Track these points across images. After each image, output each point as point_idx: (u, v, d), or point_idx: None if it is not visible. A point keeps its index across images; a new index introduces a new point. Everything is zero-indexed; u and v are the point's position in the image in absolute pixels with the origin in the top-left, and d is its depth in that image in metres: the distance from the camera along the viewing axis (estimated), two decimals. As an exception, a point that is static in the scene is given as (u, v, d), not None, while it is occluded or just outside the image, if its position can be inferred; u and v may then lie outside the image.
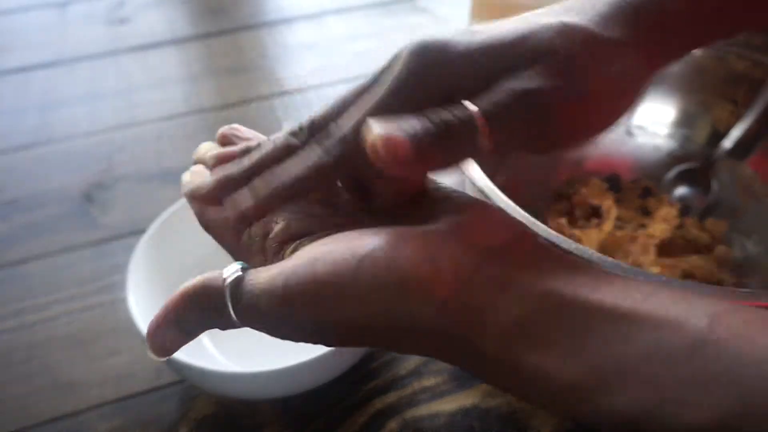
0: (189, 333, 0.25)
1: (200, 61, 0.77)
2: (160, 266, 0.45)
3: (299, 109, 0.68)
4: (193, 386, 0.44)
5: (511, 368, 0.21)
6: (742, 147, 0.48)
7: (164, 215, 0.46)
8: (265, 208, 0.26)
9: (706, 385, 0.18)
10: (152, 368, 0.45)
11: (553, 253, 0.23)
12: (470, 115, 0.23)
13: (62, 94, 0.71)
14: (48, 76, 0.74)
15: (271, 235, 0.26)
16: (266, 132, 0.31)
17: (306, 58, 0.75)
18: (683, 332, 0.19)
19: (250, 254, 0.27)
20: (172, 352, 0.25)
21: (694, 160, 0.50)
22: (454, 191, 0.26)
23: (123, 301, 0.41)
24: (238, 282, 0.24)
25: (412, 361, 0.45)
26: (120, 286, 0.42)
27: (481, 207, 0.25)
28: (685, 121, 0.51)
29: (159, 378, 0.45)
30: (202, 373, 0.38)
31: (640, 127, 0.52)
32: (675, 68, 0.50)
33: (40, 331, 0.48)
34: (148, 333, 0.25)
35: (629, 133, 0.52)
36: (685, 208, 0.50)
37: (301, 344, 0.45)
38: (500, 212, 0.25)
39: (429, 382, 0.44)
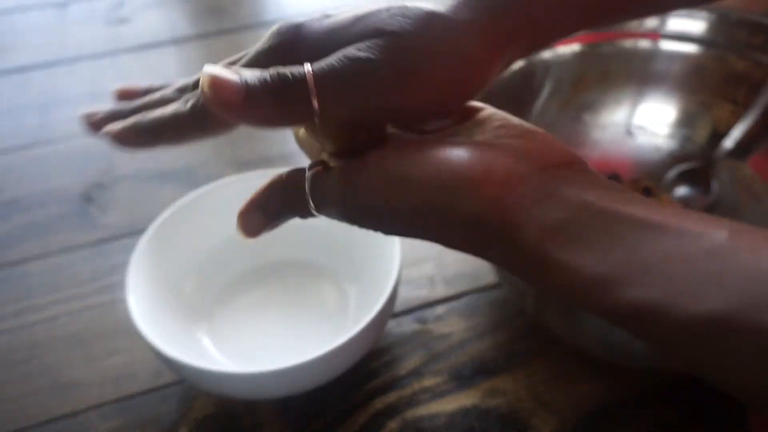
0: (273, 218, 0.29)
1: (200, 61, 0.76)
2: (160, 266, 0.45)
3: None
4: (193, 386, 0.44)
5: (545, 263, 0.23)
6: (742, 147, 0.48)
7: (164, 215, 0.46)
8: (126, 138, 0.30)
9: (719, 281, 0.20)
10: (152, 368, 0.45)
11: (596, 175, 0.25)
12: (302, 72, 0.25)
13: (62, 94, 0.71)
14: (48, 76, 0.74)
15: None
16: (266, 133, 0.31)
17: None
18: (705, 240, 0.21)
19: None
20: (258, 234, 0.29)
21: (694, 160, 0.50)
22: (511, 118, 0.28)
23: (123, 301, 0.41)
24: (317, 174, 0.27)
25: (412, 361, 0.45)
26: (120, 286, 0.42)
27: (537, 133, 0.26)
28: (685, 121, 0.51)
29: (159, 378, 0.45)
30: (202, 373, 0.38)
31: (640, 127, 0.52)
32: (675, 68, 0.50)
33: (40, 331, 0.48)
34: (240, 213, 0.29)
35: (629, 133, 0.52)
36: (685, 208, 0.50)
37: (301, 344, 0.46)
38: (554, 139, 0.26)
39: (429, 382, 0.44)
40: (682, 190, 0.50)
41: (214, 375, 0.39)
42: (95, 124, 0.31)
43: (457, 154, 0.25)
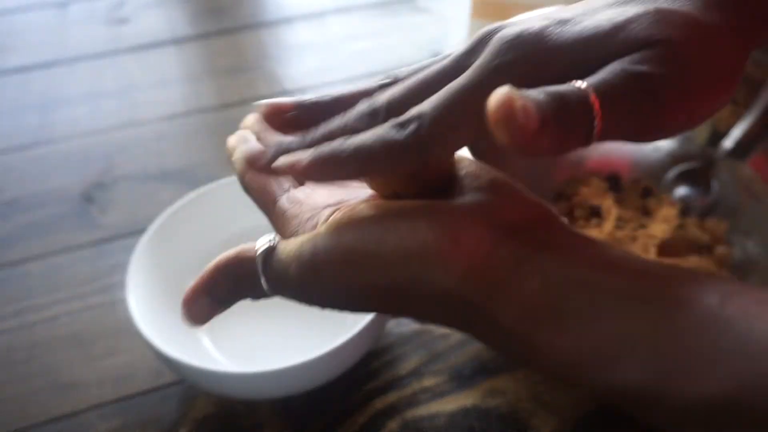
0: (222, 302, 0.27)
1: (200, 61, 0.77)
2: (160, 266, 0.45)
3: (299, 109, 0.67)
4: (193, 386, 0.44)
5: (525, 341, 0.22)
6: (742, 147, 0.48)
7: (164, 215, 0.46)
8: (321, 170, 0.24)
9: (714, 358, 0.19)
10: (152, 368, 0.45)
11: (570, 233, 0.23)
12: (585, 93, 0.21)
13: (62, 94, 0.71)
14: (48, 76, 0.74)
15: (308, 203, 0.27)
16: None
17: (306, 58, 0.75)
18: (694, 308, 0.19)
19: (284, 220, 0.27)
20: (206, 321, 0.27)
21: (694, 160, 0.50)
22: (478, 167, 0.26)
23: (123, 301, 0.41)
24: (269, 252, 0.25)
25: (412, 361, 0.45)
26: (120, 286, 0.42)
27: (505, 186, 0.25)
28: (685, 121, 0.51)
29: (159, 378, 0.45)
30: (202, 373, 0.38)
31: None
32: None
33: (40, 331, 0.48)
34: (184, 302, 0.27)
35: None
36: (685, 208, 0.50)
37: (301, 344, 0.45)
38: (524, 192, 0.25)
39: (429, 382, 0.44)
40: (682, 190, 0.50)
41: (214, 375, 0.39)
42: (265, 166, 0.27)
43: (423, 224, 0.23)
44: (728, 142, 0.48)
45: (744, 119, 0.47)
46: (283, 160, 0.25)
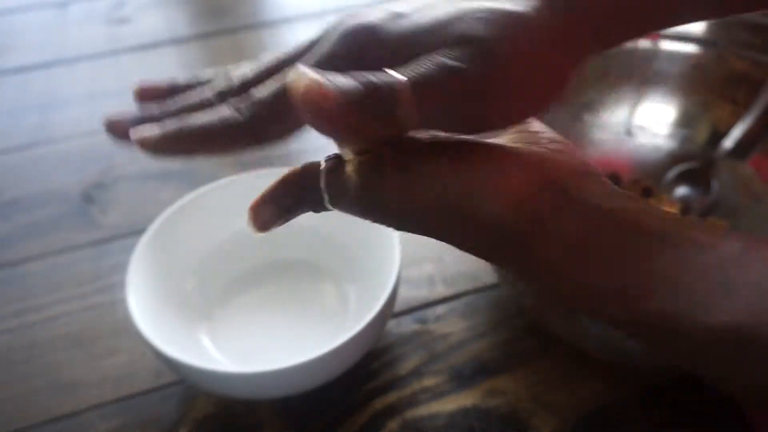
0: (286, 211, 0.28)
1: (200, 61, 0.77)
2: (160, 266, 0.45)
3: (299, 109, 0.67)
4: (193, 386, 0.44)
5: (560, 275, 0.23)
6: (742, 147, 0.48)
7: (164, 215, 0.46)
8: (164, 146, 0.27)
9: (732, 293, 0.20)
10: (152, 368, 0.45)
11: (612, 186, 0.25)
12: (392, 81, 0.23)
13: (62, 94, 0.71)
14: (48, 76, 0.74)
15: None
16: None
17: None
18: (719, 252, 0.21)
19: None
20: (269, 228, 0.29)
21: (694, 160, 0.50)
22: (539, 125, 0.27)
23: (123, 301, 0.41)
24: (333, 167, 0.26)
25: (412, 361, 0.45)
26: (120, 286, 0.42)
27: (555, 139, 0.26)
28: (685, 121, 0.51)
29: (159, 378, 0.45)
30: (202, 373, 0.38)
31: (640, 127, 0.52)
32: (675, 68, 0.50)
33: (40, 331, 0.48)
34: (251, 207, 0.28)
35: (629, 133, 0.52)
36: (685, 208, 0.50)
37: (301, 344, 0.45)
38: (576, 151, 0.26)
39: (429, 382, 0.44)
40: (682, 190, 0.50)
41: (214, 375, 0.39)
42: (122, 130, 0.29)
43: (477, 157, 0.24)
44: (728, 142, 0.48)
45: (744, 119, 0.47)
46: (135, 133, 0.28)
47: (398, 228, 0.27)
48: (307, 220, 0.50)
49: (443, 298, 0.49)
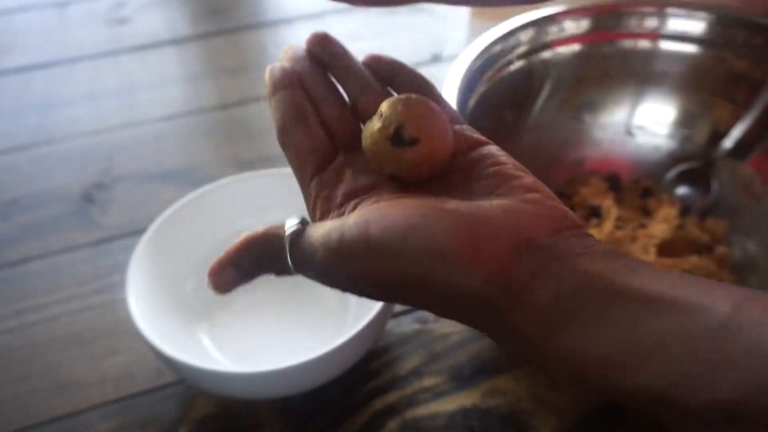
0: (246, 275, 0.28)
1: (200, 61, 0.77)
2: (160, 266, 0.45)
3: (299, 109, 0.67)
4: (193, 386, 0.44)
5: (541, 345, 0.22)
6: (742, 147, 0.48)
7: (164, 215, 0.46)
8: None
9: (725, 366, 0.19)
10: (152, 368, 0.45)
11: (592, 241, 0.24)
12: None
13: (62, 94, 0.71)
14: (48, 76, 0.74)
15: (341, 186, 0.28)
16: (266, 133, 0.31)
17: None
18: (706, 316, 0.20)
19: (316, 201, 0.29)
20: (229, 290, 0.29)
21: (694, 160, 0.50)
22: (513, 167, 0.27)
23: (123, 301, 0.41)
24: (297, 233, 0.26)
25: (412, 361, 0.45)
26: (120, 286, 0.42)
27: (535, 192, 0.25)
28: (685, 121, 0.51)
29: (159, 378, 0.45)
30: (202, 373, 0.38)
31: (640, 127, 0.52)
32: (675, 68, 0.50)
33: (40, 331, 0.48)
34: (211, 271, 0.28)
35: (629, 133, 0.52)
36: (685, 208, 0.50)
37: (301, 344, 0.45)
38: (552, 199, 0.25)
39: (429, 382, 0.44)
40: (682, 190, 0.50)
41: (214, 375, 0.39)
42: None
43: (447, 223, 0.24)
44: (728, 142, 0.48)
45: (744, 119, 0.47)
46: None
47: (369, 297, 0.27)
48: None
49: (443, 298, 0.49)
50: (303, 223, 0.27)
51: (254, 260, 0.28)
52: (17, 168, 0.63)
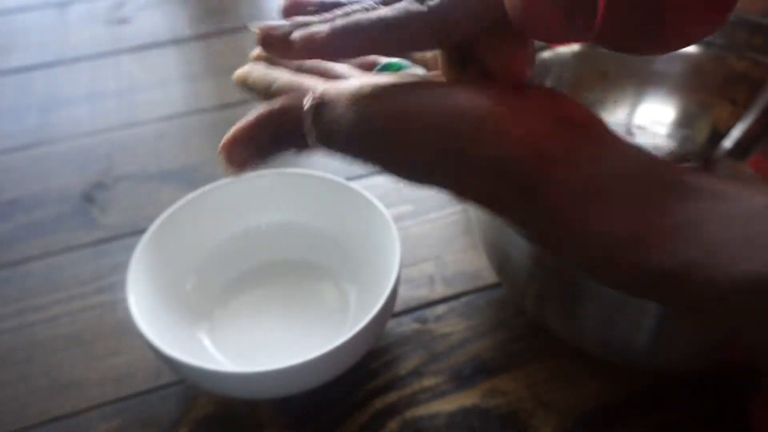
0: (262, 151, 0.26)
1: (200, 61, 0.77)
2: (160, 266, 0.45)
3: (299, 109, 0.67)
4: (193, 386, 0.44)
5: (572, 222, 0.22)
6: (742, 147, 0.48)
7: (164, 215, 0.46)
8: (341, 41, 0.24)
9: (757, 246, 0.19)
10: (152, 368, 0.45)
11: (623, 139, 0.24)
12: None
13: (62, 94, 0.71)
14: (48, 76, 0.74)
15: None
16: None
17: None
18: (743, 202, 0.20)
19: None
20: (244, 169, 0.26)
21: (694, 160, 0.50)
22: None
23: (123, 301, 0.41)
24: (321, 100, 0.25)
25: (412, 361, 0.45)
26: (120, 286, 0.42)
27: (562, 92, 0.25)
28: (685, 121, 0.51)
29: (159, 378, 0.45)
30: (202, 373, 0.38)
31: (640, 127, 0.52)
32: (675, 68, 0.50)
33: (40, 331, 0.48)
34: (224, 146, 0.26)
35: (629, 133, 0.52)
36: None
37: (301, 344, 0.45)
38: (580, 101, 0.25)
39: (429, 382, 0.44)
40: (682, 190, 0.50)
41: (214, 375, 0.39)
42: (278, 40, 0.26)
43: (485, 96, 0.23)
44: (728, 142, 0.48)
45: (744, 119, 0.47)
46: (299, 34, 0.25)
47: (391, 171, 0.25)
48: (307, 220, 0.51)
49: (443, 298, 0.49)
50: (322, 96, 0.25)
51: (272, 135, 0.26)
52: (17, 168, 0.63)
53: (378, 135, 0.24)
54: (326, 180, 0.49)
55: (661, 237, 0.21)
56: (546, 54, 0.50)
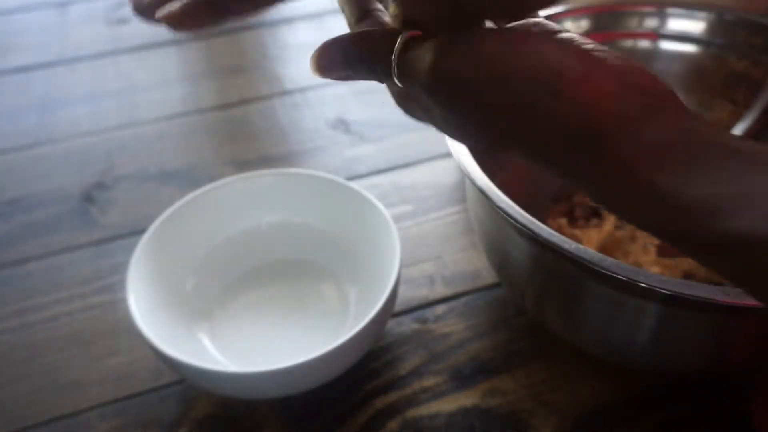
0: (350, 68, 0.27)
1: (200, 61, 0.77)
2: (160, 266, 0.45)
3: (300, 109, 0.68)
4: (193, 386, 0.44)
5: (641, 182, 0.22)
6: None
7: (164, 215, 0.46)
8: (194, 15, 0.27)
9: None
10: (152, 368, 0.45)
11: (695, 111, 0.24)
12: None
13: (62, 94, 0.71)
14: (48, 76, 0.74)
15: None
16: (266, 133, 0.31)
17: (306, 58, 0.75)
18: None
19: None
20: (328, 74, 0.28)
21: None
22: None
23: (123, 301, 0.41)
24: (413, 39, 0.25)
25: (412, 361, 0.45)
26: (120, 286, 0.42)
27: (636, 61, 0.25)
28: (685, 121, 0.51)
29: (159, 378, 0.45)
30: (202, 373, 0.38)
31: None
32: (675, 68, 0.50)
33: (41, 331, 0.48)
34: (319, 47, 0.27)
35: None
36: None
37: (301, 344, 0.45)
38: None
39: (429, 382, 0.44)
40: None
41: (214, 375, 0.39)
42: (146, 9, 0.29)
43: (561, 52, 0.23)
44: (728, 142, 0.48)
45: (744, 119, 0.47)
46: (160, 13, 0.27)
47: (459, 124, 0.25)
48: (307, 220, 0.51)
49: (443, 298, 0.49)
50: (419, 33, 0.26)
51: (362, 53, 0.27)
52: (17, 168, 0.63)
53: (448, 87, 0.24)
54: (326, 180, 0.49)
55: (736, 205, 0.20)
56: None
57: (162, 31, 0.85)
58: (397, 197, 0.57)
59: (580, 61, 0.23)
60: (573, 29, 0.49)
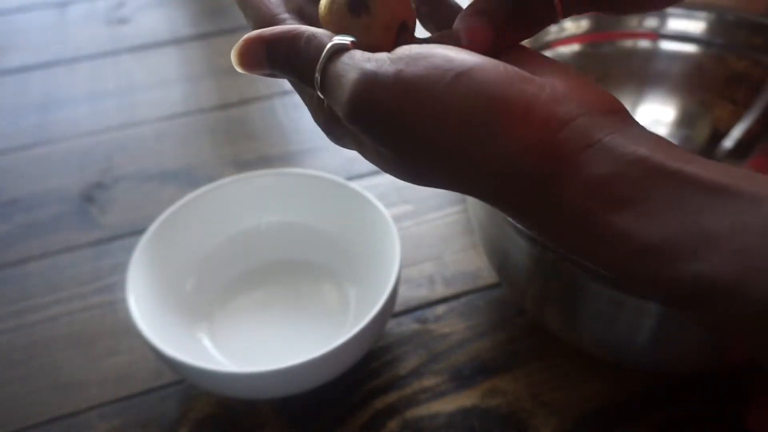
0: (273, 63, 0.24)
1: (200, 61, 0.76)
2: (160, 266, 0.45)
3: (300, 109, 0.68)
4: (193, 386, 0.44)
5: (590, 225, 0.20)
6: (742, 147, 0.48)
7: (164, 215, 0.46)
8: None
9: None
10: (152, 368, 0.45)
11: (641, 127, 0.22)
12: None
13: (62, 94, 0.71)
14: (48, 76, 0.74)
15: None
16: (267, 133, 0.31)
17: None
18: None
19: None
20: (251, 69, 0.25)
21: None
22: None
23: (123, 301, 0.41)
24: (342, 48, 0.23)
25: (412, 361, 0.45)
26: (120, 286, 0.42)
27: (580, 75, 0.23)
28: (685, 121, 0.51)
29: (159, 378, 0.45)
30: (202, 373, 0.38)
31: (640, 127, 0.52)
32: (675, 68, 0.50)
33: (40, 331, 0.48)
34: (242, 42, 0.24)
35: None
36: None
37: (301, 344, 0.45)
38: (599, 86, 0.23)
39: (429, 382, 0.44)
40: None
41: (214, 375, 0.39)
42: None
43: (495, 81, 0.21)
44: (728, 142, 0.48)
45: (744, 119, 0.47)
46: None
47: (382, 158, 0.23)
48: (307, 220, 0.51)
49: (443, 298, 0.49)
50: (352, 43, 0.23)
51: (288, 53, 0.24)
52: (17, 168, 0.63)
53: (368, 120, 0.22)
54: (326, 180, 0.49)
55: (694, 247, 0.18)
56: (546, 54, 0.50)
57: (162, 31, 0.85)
58: (397, 197, 0.57)
59: (515, 87, 0.21)
60: (573, 29, 0.49)
